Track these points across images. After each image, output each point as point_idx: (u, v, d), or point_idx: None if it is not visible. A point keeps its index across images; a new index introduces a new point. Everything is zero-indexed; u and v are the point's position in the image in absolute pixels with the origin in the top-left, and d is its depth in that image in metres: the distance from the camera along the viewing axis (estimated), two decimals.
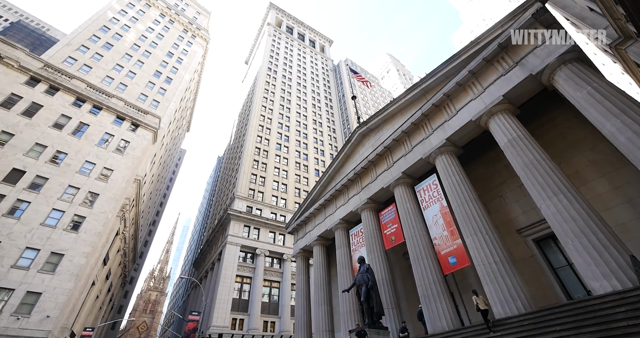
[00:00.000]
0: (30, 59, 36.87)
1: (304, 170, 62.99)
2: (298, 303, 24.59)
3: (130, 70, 50.71)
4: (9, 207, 27.47)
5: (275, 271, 45.21)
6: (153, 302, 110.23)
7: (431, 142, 16.24)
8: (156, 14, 64.76)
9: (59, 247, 28.09)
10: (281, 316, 41.00)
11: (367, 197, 20.33)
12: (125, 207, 38.60)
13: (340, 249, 21.75)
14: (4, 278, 24.67)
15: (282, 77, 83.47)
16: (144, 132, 41.80)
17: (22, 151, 30.79)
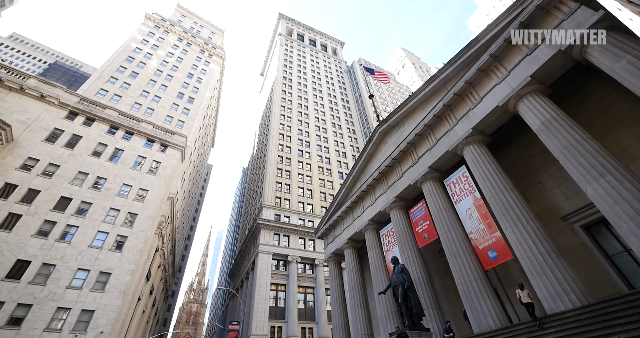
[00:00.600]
0: (68, 95, 40.06)
1: (327, 174, 63.03)
2: (334, 308, 24.33)
3: (156, 94, 53.71)
4: (60, 232, 29.76)
5: (308, 277, 45.22)
6: (194, 314, 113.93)
7: (457, 133, 15.64)
8: (174, 39, 68.41)
9: (106, 266, 29.92)
10: (318, 322, 40.77)
11: (394, 195, 19.88)
12: (161, 224, 40.45)
13: (371, 251, 21.36)
14: (61, 298, 26.61)
15: (297, 84, 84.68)
16: (172, 151, 43.87)
17: (67, 180, 33.34)
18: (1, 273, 25.61)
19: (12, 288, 25.45)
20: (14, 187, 30.31)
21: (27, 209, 29.60)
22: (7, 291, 25.15)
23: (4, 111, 34.08)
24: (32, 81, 38.51)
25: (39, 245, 28.28)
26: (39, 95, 37.33)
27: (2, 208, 28.58)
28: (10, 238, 27.49)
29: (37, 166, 32.62)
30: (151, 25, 66.29)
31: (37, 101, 37.15)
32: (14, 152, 32.28)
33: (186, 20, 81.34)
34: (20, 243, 27.64)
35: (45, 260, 27.80)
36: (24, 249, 27.54)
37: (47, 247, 28.52)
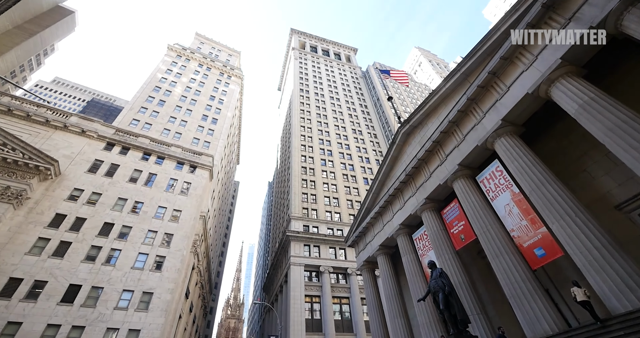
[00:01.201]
0: (104, 128, 43.22)
1: (352, 181, 62.50)
2: (372, 318, 23.55)
3: (182, 119, 56.64)
4: (105, 256, 31.58)
5: (342, 287, 44.36)
6: (233, 330, 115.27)
7: (485, 126, 14.91)
8: (195, 65, 72.29)
9: (148, 286, 31.21)
10: (357, 333, 39.61)
11: (424, 197, 19.18)
12: (196, 243, 41.76)
13: (405, 256, 20.59)
14: (110, 319, 27.97)
15: (314, 94, 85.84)
16: (201, 172, 45.64)
17: (109, 206, 35.54)
18: (57, 298, 27.45)
19: (66, 311, 27.14)
20: (64, 217, 32.75)
21: (76, 237, 31.76)
22: (62, 314, 26.85)
23: (51, 148, 37.35)
24: (74, 118, 42.03)
25: (88, 269, 30.11)
26: (80, 130, 40.60)
27: (55, 237, 30.90)
28: (63, 265, 29.53)
29: (82, 196, 35.12)
30: (173, 55, 70.62)
31: (78, 136, 40.39)
32: (62, 184, 35.06)
33: (205, 46, 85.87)
34: (71, 268, 29.60)
35: (94, 284, 29.49)
36: (75, 274, 29.42)
37: (95, 271, 30.29)
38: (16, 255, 28.55)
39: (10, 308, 25.73)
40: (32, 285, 27.52)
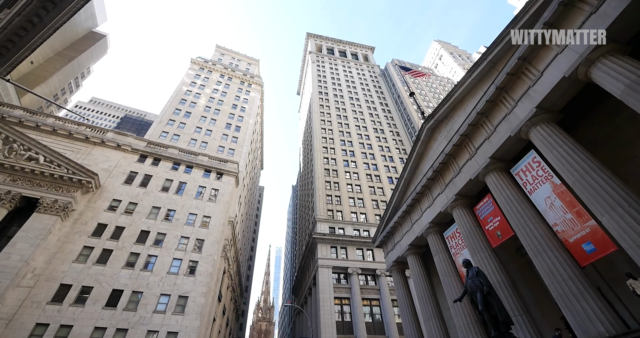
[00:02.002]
0: (137, 142, 45.74)
1: (376, 181, 61.61)
2: (404, 320, 22.87)
3: (207, 128, 58.77)
4: (143, 262, 33.23)
5: (371, 289, 43.62)
6: (264, 332, 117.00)
7: (517, 116, 14.07)
8: (217, 76, 74.89)
9: (183, 290, 32.43)
10: (389, 335, 38.70)
11: (454, 193, 18.41)
12: (225, 247, 42.90)
13: (437, 255, 19.84)
14: (150, 322, 29.32)
15: (333, 96, 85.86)
16: (227, 178, 46.96)
17: (144, 215, 37.43)
18: (102, 302, 29.20)
19: (111, 315, 28.77)
20: (105, 226, 34.89)
21: (116, 245, 33.69)
22: (107, 318, 28.49)
23: (91, 162, 40.04)
24: (110, 134, 44.85)
25: (128, 275, 31.79)
26: (115, 145, 43.23)
27: (98, 245, 32.97)
28: (106, 271, 31.39)
29: (120, 206, 37.26)
30: (196, 68, 73.62)
31: (115, 150, 43.00)
32: (102, 196, 37.42)
33: (225, 57, 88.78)
34: (113, 274, 31.40)
35: (134, 288, 31.07)
36: (117, 280, 31.16)
37: (135, 276, 31.92)
38: (65, 262, 30.76)
39: (62, 312, 27.69)
40: (79, 290, 29.48)
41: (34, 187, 33.20)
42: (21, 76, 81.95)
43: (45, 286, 28.72)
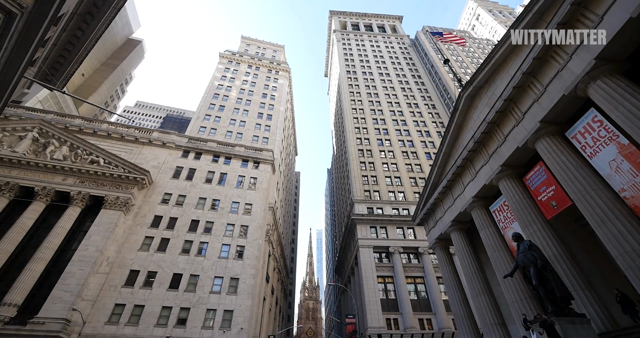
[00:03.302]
0: (179, 138, 48.67)
1: (413, 157, 59.54)
2: (451, 297, 22.43)
3: (241, 120, 60.55)
4: (197, 249, 36.19)
5: (414, 267, 43.25)
6: (312, 310, 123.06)
7: (572, 71, 12.39)
8: (245, 67, 75.92)
9: (234, 273, 34.95)
10: (436, 312, 38.44)
11: (499, 164, 17.09)
12: (268, 232, 44.96)
13: (483, 230, 18.85)
14: (208, 302, 32.25)
15: (362, 74, 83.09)
16: (264, 166, 48.48)
17: (193, 206, 40.31)
18: (165, 285, 32.60)
19: (174, 296, 32.08)
20: (160, 218, 38.31)
21: (172, 234, 36.96)
22: (172, 298, 31.83)
23: (142, 161, 43.63)
24: (155, 133, 48.24)
25: (185, 261, 34.92)
26: (161, 143, 46.49)
27: (157, 235, 36.43)
28: (166, 258, 34.76)
29: (171, 199, 40.49)
30: (225, 61, 75.20)
31: (161, 148, 46.30)
32: (155, 191, 40.88)
33: (251, 47, 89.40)
34: (172, 260, 34.69)
35: (191, 272, 34.14)
36: (176, 265, 34.41)
37: (191, 262, 34.98)
38: (132, 251, 34.57)
39: (134, 294, 31.48)
40: (146, 275, 33.12)
41: (99, 187, 37.20)
42: (76, 88, 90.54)
43: (118, 272, 32.70)
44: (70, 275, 30.04)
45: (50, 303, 28.10)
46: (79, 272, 30.37)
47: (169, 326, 30.00)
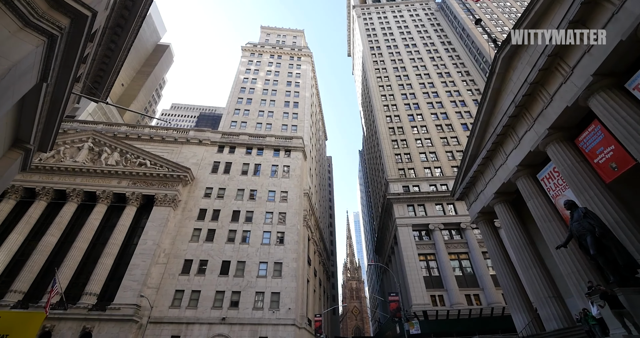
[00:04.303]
0: (213, 135, 50.84)
1: (448, 130, 56.50)
2: (499, 272, 21.49)
3: (269, 110, 61.39)
4: (240, 237, 38.37)
5: (457, 243, 41.93)
6: (355, 289, 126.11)
7: (630, 11, 10.64)
8: (267, 58, 76.04)
9: (277, 257, 36.68)
10: (483, 287, 37.26)
11: (546, 127, 15.53)
12: (306, 217, 46.12)
13: (531, 200, 17.53)
14: (256, 285, 34.43)
15: (387, 49, 79.35)
16: (295, 154, 49.17)
17: (232, 197, 42.44)
18: (216, 272, 35.26)
19: (225, 281, 34.60)
20: (205, 211, 40.96)
21: (217, 225, 39.44)
22: (223, 283, 34.39)
23: (183, 159, 46.48)
24: (191, 132, 50.87)
25: (231, 249, 37.26)
26: (198, 141, 49.00)
27: (204, 227, 39.13)
28: (214, 247, 37.35)
29: (212, 193, 42.95)
30: (248, 54, 75.91)
31: (198, 145, 48.84)
32: (197, 186, 43.57)
33: (271, 36, 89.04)
34: (220, 249, 37.19)
35: (238, 259, 36.43)
36: (224, 253, 36.88)
37: (236, 249, 37.24)
38: (184, 243, 37.60)
39: (190, 281, 34.48)
40: (199, 263, 35.98)
41: (149, 186, 40.49)
42: (118, 98, 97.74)
43: (174, 262, 35.89)
44: (135, 267, 33.60)
45: (122, 292, 31.85)
46: (142, 264, 33.85)
47: (223, 308, 32.66)
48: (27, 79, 6.54)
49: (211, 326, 31.53)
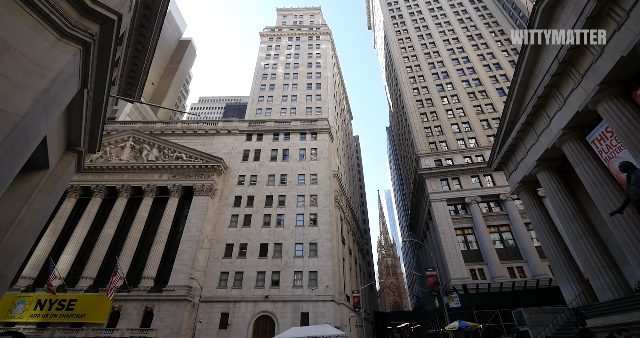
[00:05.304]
0: (241, 124, 52.06)
1: (482, 97, 52.84)
2: (544, 243, 20.42)
3: (292, 94, 61.11)
4: (275, 221, 39.90)
5: (497, 215, 40.22)
6: (391, 266, 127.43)
7: None
8: (286, 41, 74.66)
9: (312, 238, 37.82)
10: (527, 259, 35.80)
11: (596, 83, 13.91)
12: (337, 198, 46.55)
13: (580, 165, 16.15)
14: (293, 265, 36.03)
15: (409, 16, 74.44)
16: (322, 136, 49.09)
17: (264, 183, 43.82)
18: (256, 254, 37.31)
19: (264, 262, 36.54)
20: (240, 197, 42.84)
21: (252, 210, 41.22)
22: (263, 264, 36.37)
23: (215, 150, 48.39)
24: (220, 124, 52.49)
25: (267, 232, 38.97)
26: (227, 131, 50.54)
27: (240, 213, 41.11)
28: (251, 231, 39.29)
29: (245, 180, 44.62)
30: (266, 39, 75.10)
31: (227, 136, 50.43)
32: (231, 175, 45.43)
33: (288, 18, 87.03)
34: (257, 233, 39.06)
35: (275, 241, 38.12)
36: (261, 236, 38.71)
37: (272, 232, 38.89)
38: (224, 228, 39.93)
39: (233, 263, 36.87)
40: (239, 247, 38.20)
41: (187, 178, 42.96)
42: (150, 96, 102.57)
43: (217, 246, 38.41)
44: (183, 252, 36.49)
45: (174, 275, 34.96)
46: (189, 249, 36.66)
47: (265, 287, 34.78)
48: (70, 86, 7.04)
49: (256, 303, 33.88)
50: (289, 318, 32.69)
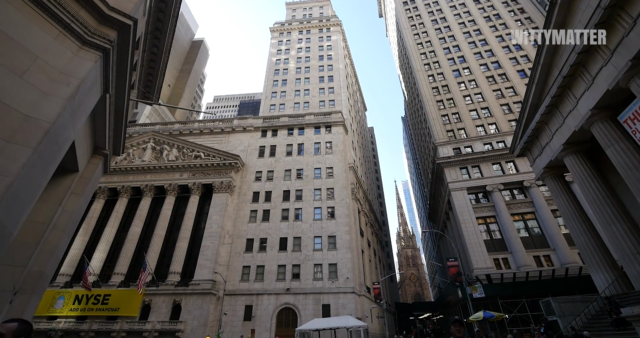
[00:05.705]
0: (255, 121, 52.58)
1: (502, 80, 50.64)
2: (573, 230, 19.61)
3: (304, 89, 60.84)
4: (293, 215, 40.36)
5: (521, 203, 38.80)
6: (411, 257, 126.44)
7: None
8: (296, 35, 74.01)
9: (330, 231, 38.06)
10: (555, 248, 34.47)
11: (629, 58, 12.98)
12: (353, 190, 46.42)
13: (612, 147, 15.28)
14: (313, 258, 36.44)
15: (422, 0, 71.89)
16: (336, 129, 48.83)
17: (281, 178, 44.27)
18: (276, 248, 38.02)
19: (284, 256, 37.17)
20: (258, 193, 43.56)
21: (270, 205, 41.85)
22: (283, 258, 37.02)
23: (231, 147, 49.23)
24: (235, 121, 53.23)
25: (286, 226, 39.52)
26: (242, 129, 51.24)
27: (259, 208, 41.85)
28: (270, 226, 39.97)
29: (262, 176, 45.26)
30: (277, 35, 74.83)
31: (243, 133, 51.13)
32: (248, 171, 46.18)
33: (297, 12, 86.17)
34: (276, 227, 39.70)
35: (293, 235, 38.63)
36: (280, 230, 39.33)
37: (291, 226, 39.40)
38: (243, 224, 40.84)
39: (254, 257, 37.77)
40: (259, 241, 39.02)
41: (206, 176, 44.06)
42: (167, 98, 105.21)
43: (238, 241, 39.39)
44: (206, 248, 37.71)
45: (199, 270, 36.26)
46: (211, 245, 37.82)
47: (286, 280, 35.46)
48: (93, 92, 7.33)
49: (278, 296, 34.66)
50: (311, 310, 33.26)
